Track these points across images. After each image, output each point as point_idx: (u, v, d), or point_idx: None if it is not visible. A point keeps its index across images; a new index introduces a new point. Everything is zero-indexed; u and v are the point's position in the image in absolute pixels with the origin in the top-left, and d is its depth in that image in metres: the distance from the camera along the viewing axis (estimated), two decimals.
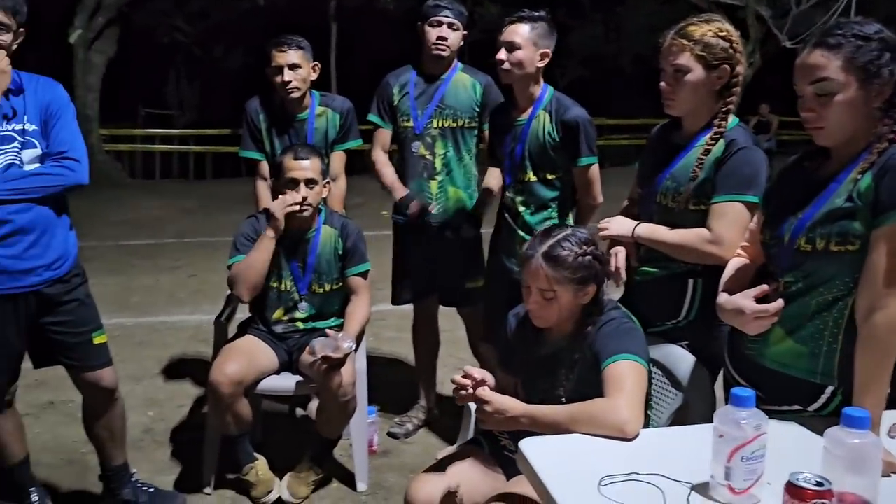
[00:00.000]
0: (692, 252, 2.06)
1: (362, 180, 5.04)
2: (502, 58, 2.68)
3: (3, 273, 2.33)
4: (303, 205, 2.80)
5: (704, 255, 2.03)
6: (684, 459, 1.49)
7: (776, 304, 1.69)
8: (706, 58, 2.03)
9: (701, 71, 2.04)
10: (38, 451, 3.08)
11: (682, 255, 2.09)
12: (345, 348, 2.67)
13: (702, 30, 2.04)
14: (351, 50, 15.73)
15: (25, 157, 2.36)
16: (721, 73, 2.05)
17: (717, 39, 2.03)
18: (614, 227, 2.23)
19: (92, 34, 12.33)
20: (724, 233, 2.00)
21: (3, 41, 2.27)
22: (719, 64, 2.04)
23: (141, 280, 6.25)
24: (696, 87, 2.05)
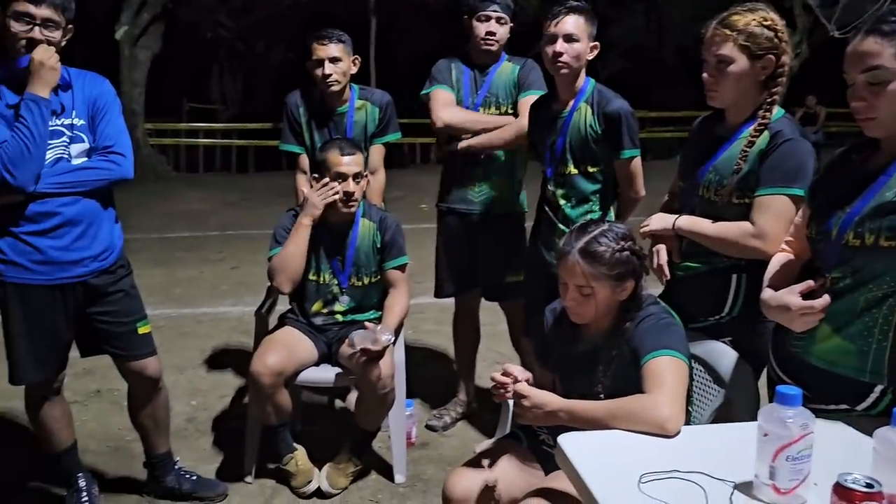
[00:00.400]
0: (734, 246, 2.01)
1: (401, 174, 5.07)
2: (561, 50, 2.61)
3: (52, 264, 2.39)
4: (350, 200, 2.81)
5: (747, 250, 1.99)
6: (726, 458, 1.47)
7: (822, 301, 1.65)
8: (750, 48, 1.98)
9: (745, 61, 1.99)
10: (85, 438, 3.15)
11: (723, 249, 2.05)
12: (383, 341, 2.68)
13: (746, 19, 1.99)
14: (390, 44, 15.77)
15: (73, 152, 2.41)
16: (766, 63, 2.00)
17: (761, 29, 1.98)
18: (655, 223, 2.20)
19: (137, 30, 12.57)
20: (768, 227, 1.95)
21: (52, 38, 2.32)
22: (764, 54, 1.99)
23: (184, 272, 6.36)
24: (740, 77, 2.01)
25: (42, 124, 2.29)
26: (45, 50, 2.29)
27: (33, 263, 2.38)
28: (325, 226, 2.88)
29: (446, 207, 3.29)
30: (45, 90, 2.30)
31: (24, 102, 2.28)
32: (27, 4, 2.26)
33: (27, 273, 2.38)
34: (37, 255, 2.37)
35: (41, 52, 2.28)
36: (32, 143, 2.26)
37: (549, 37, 2.63)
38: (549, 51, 2.63)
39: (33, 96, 2.28)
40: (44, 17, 2.29)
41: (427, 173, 11.43)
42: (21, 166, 2.26)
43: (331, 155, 2.84)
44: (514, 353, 3.62)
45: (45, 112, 2.30)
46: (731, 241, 2.02)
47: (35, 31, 2.28)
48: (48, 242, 2.37)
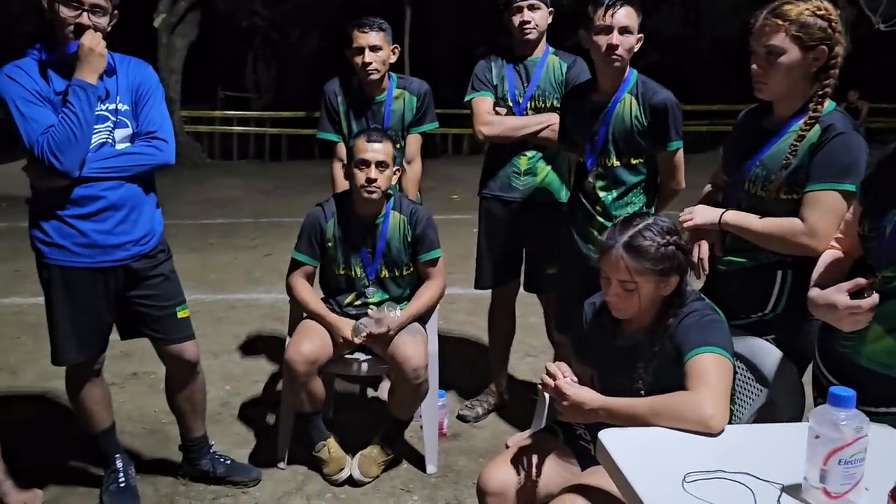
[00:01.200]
0: (783, 242, 1.97)
1: (433, 164, 5.06)
2: (617, 43, 2.54)
3: (95, 247, 2.42)
4: (371, 185, 2.79)
5: (796, 246, 1.95)
6: (773, 459, 1.44)
7: (871, 300, 1.60)
8: (802, 38, 1.92)
9: (797, 52, 1.93)
10: (122, 419, 3.20)
11: (771, 245, 2.01)
12: (389, 319, 2.74)
13: (798, 8, 1.93)
14: (425, 34, 15.74)
15: (117, 137, 2.44)
16: (818, 54, 1.94)
17: (814, 18, 1.92)
18: (699, 216, 2.14)
19: (175, 18, 12.70)
20: (819, 223, 1.90)
21: (99, 24, 2.34)
22: (816, 45, 1.93)
23: (218, 258, 6.43)
24: (791, 69, 1.95)
25: (89, 110, 2.31)
26: (94, 36, 2.31)
27: (77, 246, 2.41)
28: (355, 218, 2.88)
29: (490, 195, 3.26)
30: (92, 76, 2.32)
31: (72, 88, 2.30)
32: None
33: (71, 256, 2.42)
34: (81, 238, 2.40)
35: (90, 38, 2.30)
36: (79, 128, 2.29)
37: (604, 28, 2.55)
38: (604, 42, 2.55)
39: (81, 82, 2.30)
40: (92, 2, 2.30)
41: (459, 164, 11.42)
42: (67, 151, 2.28)
43: (358, 141, 2.83)
44: (546, 345, 3.60)
45: (91, 98, 2.32)
46: (779, 238, 1.97)
47: (83, 17, 2.30)
48: (92, 226, 2.40)
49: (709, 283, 2.22)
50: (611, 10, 2.53)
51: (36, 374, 3.81)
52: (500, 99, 3.17)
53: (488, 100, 3.15)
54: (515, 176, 3.18)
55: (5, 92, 2.32)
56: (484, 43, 12.52)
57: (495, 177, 3.23)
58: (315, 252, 2.92)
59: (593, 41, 2.59)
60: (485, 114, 3.13)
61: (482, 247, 3.33)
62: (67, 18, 2.30)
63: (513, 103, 3.15)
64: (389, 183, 2.85)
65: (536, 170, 3.16)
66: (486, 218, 3.30)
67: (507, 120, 3.13)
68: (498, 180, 3.22)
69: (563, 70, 3.14)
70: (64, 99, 2.31)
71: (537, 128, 3.08)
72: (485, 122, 3.12)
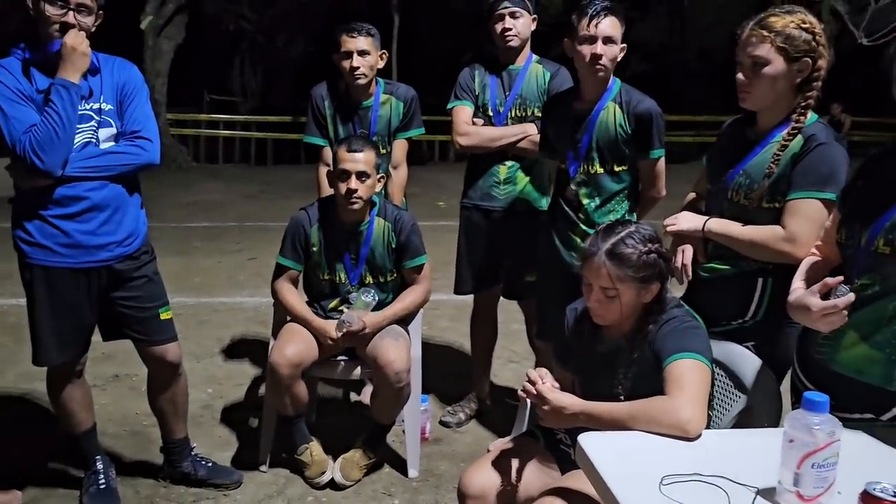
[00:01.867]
0: (765, 249, 2.00)
1: (419, 170, 5.07)
2: (601, 52, 2.56)
3: (78, 247, 2.42)
4: (352, 197, 2.79)
5: (777, 254, 1.98)
6: (749, 463, 1.46)
7: (845, 299, 1.61)
8: (787, 49, 1.96)
9: (781, 63, 1.97)
10: (104, 421, 3.18)
11: (753, 253, 2.04)
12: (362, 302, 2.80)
13: (784, 20, 1.97)
14: (412, 41, 15.77)
15: (101, 136, 2.43)
16: (802, 66, 1.98)
17: (799, 31, 1.96)
18: (683, 223, 2.18)
19: (162, 21, 12.66)
20: (799, 230, 1.94)
21: (85, 23, 2.34)
22: (800, 56, 1.97)
23: (202, 261, 6.40)
24: (775, 80, 1.99)
25: (71, 109, 2.31)
26: (76, 35, 2.30)
27: (60, 246, 2.40)
28: (339, 223, 2.88)
29: (471, 204, 3.28)
30: (75, 75, 2.32)
31: (55, 87, 2.30)
32: None
33: (53, 256, 2.41)
34: (63, 238, 2.40)
35: (72, 37, 2.30)
36: (61, 127, 2.28)
37: (588, 37, 2.57)
38: (588, 52, 2.58)
39: (64, 81, 2.30)
40: (78, 1, 2.31)
41: (445, 170, 11.44)
42: (50, 151, 2.28)
43: (340, 150, 2.84)
44: (528, 351, 3.62)
45: (74, 97, 2.31)
46: (761, 245, 2.00)
47: (69, 16, 2.30)
48: (75, 226, 2.40)
49: (690, 290, 2.25)
50: (595, 20, 2.55)
51: (16, 375, 3.79)
52: (481, 107, 3.19)
53: (468, 109, 3.18)
54: (495, 185, 3.20)
55: None
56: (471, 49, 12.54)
57: (475, 186, 3.25)
58: (299, 256, 2.93)
59: (577, 50, 2.61)
60: (463, 124, 3.16)
61: (462, 253, 3.35)
62: (52, 17, 2.29)
63: (493, 112, 3.17)
64: (372, 192, 2.85)
65: (516, 179, 3.19)
66: (466, 226, 3.32)
67: (485, 131, 3.16)
68: (478, 190, 3.24)
69: (545, 78, 3.17)
70: (46, 98, 2.30)
71: (514, 139, 3.11)
72: (462, 133, 3.16)
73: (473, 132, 3.16)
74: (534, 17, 3.18)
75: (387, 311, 2.89)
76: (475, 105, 3.19)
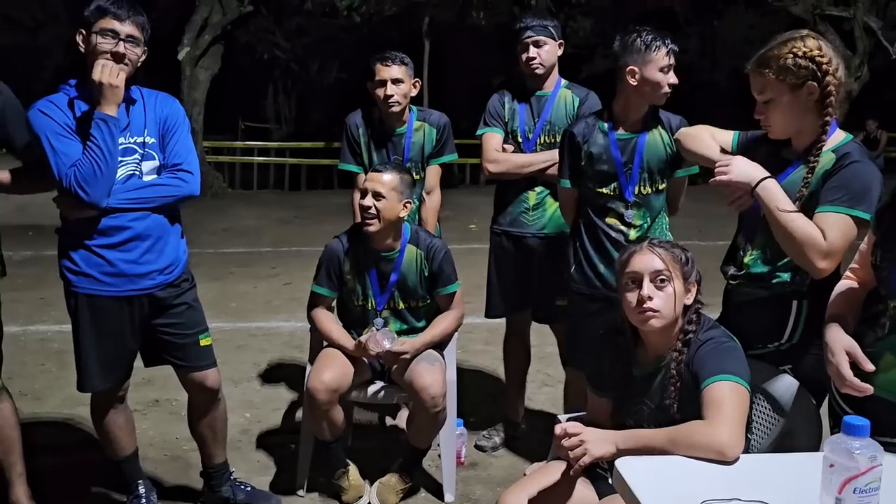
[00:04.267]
0: (797, 247, 1.93)
1: (451, 194, 5.11)
2: (675, 81, 2.65)
3: (121, 276, 2.48)
4: (367, 214, 2.81)
5: (805, 258, 1.93)
6: (788, 487, 1.45)
7: (864, 387, 1.65)
8: (787, 80, 1.97)
9: (786, 94, 1.98)
10: (145, 446, 3.23)
11: (783, 242, 1.97)
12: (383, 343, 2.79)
13: (779, 52, 1.97)
14: (443, 66, 15.94)
15: (145, 168, 2.51)
16: (809, 89, 1.97)
17: (795, 59, 1.95)
18: (737, 172, 2.01)
19: (198, 52, 12.94)
20: (836, 245, 1.91)
21: (134, 53, 2.41)
22: (803, 82, 1.96)
23: (239, 287, 6.50)
24: (787, 110, 2.00)
25: (111, 142, 2.37)
26: (105, 67, 2.34)
27: (104, 275, 2.47)
28: (371, 252, 2.92)
29: (501, 230, 3.31)
30: (112, 108, 2.38)
31: (94, 122, 2.36)
32: (112, 21, 2.36)
33: (98, 284, 2.48)
34: (108, 267, 2.46)
35: (100, 71, 2.34)
36: (103, 161, 2.35)
37: (667, 66, 2.62)
38: (664, 81, 2.63)
39: (102, 115, 2.36)
40: (127, 32, 2.38)
41: (477, 193, 11.48)
42: (93, 184, 2.35)
43: (371, 170, 2.92)
44: (562, 374, 3.60)
45: (113, 130, 2.37)
46: (798, 242, 1.92)
47: (119, 46, 2.37)
48: (119, 255, 2.46)
49: (724, 314, 2.23)
50: (671, 53, 2.64)
51: (60, 401, 3.87)
52: (510, 133, 3.22)
53: (497, 136, 3.22)
54: (525, 212, 3.23)
55: (38, 126, 2.40)
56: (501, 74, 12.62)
57: (505, 212, 3.28)
58: (334, 284, 2.97)
59: (650, 79, 2.62)
60: (492, 151, 3.20)
61: (492, 278, 3.37)
62: (103, 49, 2.36)
63: (522, 139, 3.21)
64: (392, 213, 2.83)
65: (545, 204, 3.21)
66: (496, 251, 3.35)
67: (514, 157, 3.19)
68: (508, 216, 3.27)
69: (574, 104, 3.20)
70: (87, 132, 2.38)
71: (543, 165, 3.14)
72: (491, 160, 3.20)
73: (503, 159, 3.19)
74: (560, 42, 3.21)
75: (423, 337, 2.91)
76: (505, 131, 3.23)
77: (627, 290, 1.94)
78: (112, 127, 2.37)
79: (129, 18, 2.38)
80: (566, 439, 1.83)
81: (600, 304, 2.74)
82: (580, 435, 1.82)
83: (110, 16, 2.36)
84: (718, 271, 2.23)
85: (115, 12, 2.36)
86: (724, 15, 17.70)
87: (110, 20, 2.36)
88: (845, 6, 12.02)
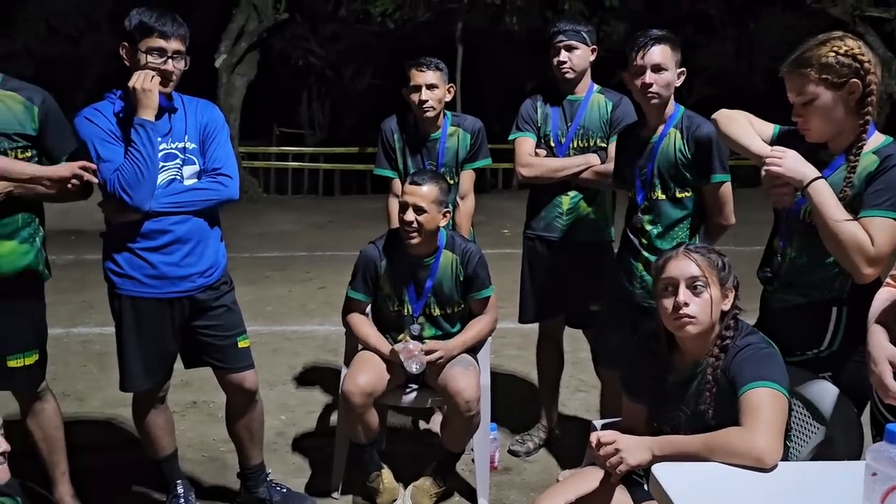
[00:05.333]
0: (843, 249, 1.89)
1: (484, 198, 5.11)
2: (651, 81, 2.61)
3: (163, 278, 2.54)
4: (409, 228, 2.83)
5: (850, 261, 1.89)
6: (829, 496, 1.44)
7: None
8: (830, 79, 1.93)
9: (828, 94, 1.94)
10: (183, 447, 3.28)
11: (828, 244, 1.93)
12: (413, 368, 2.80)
13: (818, 52, 1.94)
14: (476, 71, 15.96)
15: (185, 173, 2.56)
16: (851, 87, 1.93)
17: (836, 57, 1.92)
18: (790, 166, 1.95)
19: (235, 59, 13.14)
20: (884, 250, 1.87)
21: (179, 68, 2.47)
22: (846, 81, 1.93)
23: (274, 290, 6.57)
24: (828, 111, 1.96)
25: (150, 146, 2.42)
26: (139, 75, 2.40)
27: (146, 277, 2.53)
28: (406, 256, 2.93)
29: (534, 235, 3.31)
30: (149, 113, 2.43)
31: (134, 127, 2.42)
32: (159, 40, 2.42)
33: (140, 286, 2.54)
34: (150, 269, 2.52)
35: (139, 79, 2.39)
36: (144, 165, 2.41)
37: (637, 68, 2.63)
38: (639, 82, 2.63)
39: (140, 120, 2.41)
40: (174, 49, 2.44)
41: (509, 198, 11.46)
42: (136, 187, 2.41)
43: (407, 181, 2.91)
44: (596, 380, 3.59)
45: (152, 135, 2.43)
46: (844, 244, 1.88)
47: (168, 64, 2.43)
48: (160, 258, 2.52)
49: (762, 320, 2.21)
50: (642, 51, 2.61)
51: (101, 401, 3.95)
52: (543, 138, 3.23)
53: (530, 141, 3.22)
54: (558, 216, 3.22)
55: (84, 133, 2.47)
56: (534, 78, 12.61)
57: (538, 217, 3.28)
58: (369, 290, 2.99)
59: (632, 83, 2.67)
60: (525, 155, 3.20)
61: (525, 283, 3.37)
62: (152, 65, 2.42)
63: (555, 143, 3.20)
64: (433, 225, 2.84)
65: (579, 209, 3.20)
66: (529, 256, 3.35)
67: (547, 162, 3.19)
68: (541, 220, 3.27)
69: (608, 108, 3.19)
70: (129, 138, 2.43)
71: (576, 169, 3.13)
72: (525, 164, 3.20)
73: (536, 163, 3.19)
74: (593, 47, 3.20)
75: (457, 340, 2.92)
76: (537, 136, 3.23)
77: (663, 296, 1.93)
78: (150, 131, 2.42)
79: (174, 34, 2.43)
80: (602, 448, 1.83)
81: (627, 308, 2.75)
82: (615, 443, 1.81)
83: (156, 34, 2.41)
84: (755, 276, 2.21)
85: (161, 30, 2.41)
86: (760, 17, 17.44)
87: (156, 39, 2.41)
88: (886, 7, 11.78)
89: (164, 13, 2.45)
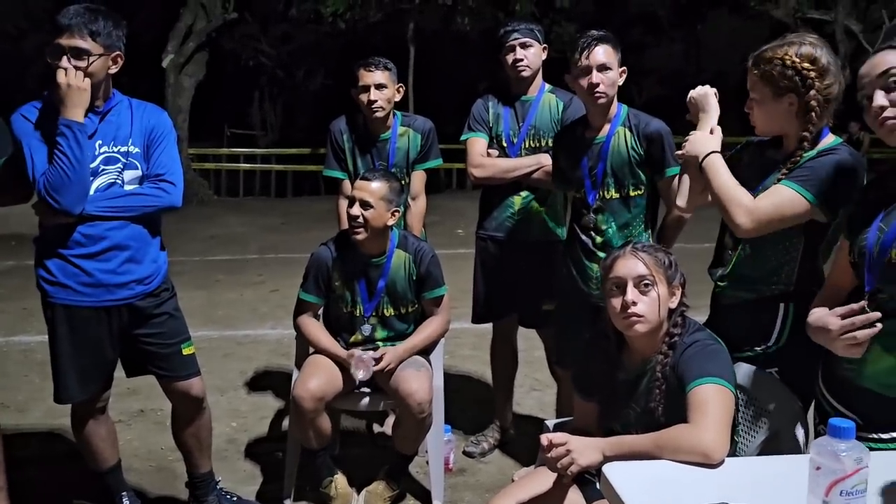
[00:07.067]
0: (727, 202, 1.97)
1: (438, 198, 5.10)
2: (598, 81, 2.63)
3: (100, 286, 2.46)
4: (354, 223, 2.80)
5: (729, 214, 1.97)
6: (776, 490, 1.45)
7: (863, 317, 1.59)
8: (771, 87, 1.99)
9: (769, 98, 2.00)
10: (129, 457, 3.20)
11: (715, 198, 2.02)
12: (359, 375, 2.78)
13: (770, 56, 1.98)
14: (429, 72, 15.96)
15: (126, 178, 2.48)
16: (790, 100, 1.98)
17: (783, 69, 1.96)
18: (690, 146, 2.13)
19: (183, 59, 12.90)
20: (762, 206, 1.93)
21: (80, 66, 2.33)
22: (784, 93, 1.98)
23: (225, 294, 6.46)
24: (769, 112, 2.02)
25: (77, 148, 2.31)
26: (69, 73, 2.31)
27: (81, 286, 2.44)
28: (359, 258, 2.90)
29: (486, 235, 3.30)
30: (76, 113, 2.32)
31: (59, 129, 2.31)
32: (64, 37, 2.32)
33: (75, 295, 2.45)
34: (85, 277, 2.43)
35: (66, 75, 2.30)
36: (70, 168, 2.30)
37: (583, 69, 2.64)
38: (585, 82, 2.64)
39: (66, 121, 2.31)
40: (70, 45, 2.32)
41: (463, 198, 11.48)
42: (62, 191, 2.31)
43: (359, 177, 2.90)
44: (550, 379, 3.60)
45: (79, 136, 2.32)
46: (723, 197, 1.98)
47: (63, 61, 2.31)
48: (96, 265, 2.44)
49: (712, 317, 2.23)
50: (586, 52, 2.63)
51: (43, 412, 3.82)
52: (495, 138, 3.22)
53: (482, 141, 3.21)
54: (510, 216, 3.22)
55: (18, 131, 2.38)
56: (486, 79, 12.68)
57: (490, 217, 3.27)
58: (321, 291, 2.94)
59: (577, 83, 2.69)
60: (477, 156, 3.19)
61: (478, 283, 3.37)
62: (53, 64, 2.32)
63: (507, 143, 3.20)
64: (379, 222, 2.81)
65: (531, 209, 3.20)
66: (481, 256, 3.35)
67: (499, 162, 3.18)
68: (493, 220, 3.26)
69: (559, 108, 3.20)
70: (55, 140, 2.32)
71: (528, 169, 3.13)
72: (477, 165, 3.19)
73: (488, 164, 3.19)
74: (544, 46, 3.21)
75: (407, 344, 2.90)
76: (489, 136, 3.23)
77: (612, 295, 1.94)
78: (77, 133, 2.32)
79: (70, 31, 2.31)
80: (553, 450, 1.82)
81: (580, 306, 2.76)
82: (566, 444, 1.80)
83: (57, 30, 2.33)
84: (705, 273, 2.24)
85: (59, 26, 2.32)
86: (707, 19, 17.83)
87: (57, 35, 2.33)
88: (826, 10, 12.13)
89: (84, 11, 2.34)
